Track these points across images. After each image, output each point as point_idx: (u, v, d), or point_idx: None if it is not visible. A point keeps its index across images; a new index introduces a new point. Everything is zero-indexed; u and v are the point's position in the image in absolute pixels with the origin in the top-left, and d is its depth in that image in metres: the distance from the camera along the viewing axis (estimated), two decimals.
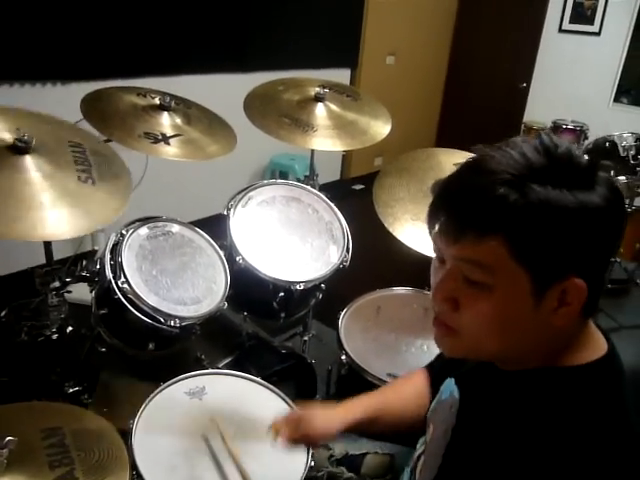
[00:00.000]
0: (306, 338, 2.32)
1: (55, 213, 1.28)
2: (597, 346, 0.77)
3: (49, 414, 1.13)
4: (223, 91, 3.28)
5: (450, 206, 0.72)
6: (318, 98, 2.12)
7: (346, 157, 4.92)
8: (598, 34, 4.75)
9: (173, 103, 1.85)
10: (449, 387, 0.97)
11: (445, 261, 0.76)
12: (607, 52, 4.72)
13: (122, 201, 1.40)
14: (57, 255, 1.68)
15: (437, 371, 1.18)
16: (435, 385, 1.15)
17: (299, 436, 1.12)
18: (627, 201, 2.92)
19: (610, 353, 0.77)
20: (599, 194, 0.68)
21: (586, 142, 4.33)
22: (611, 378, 0.75)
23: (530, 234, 0.67)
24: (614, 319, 3.03)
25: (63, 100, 2.40)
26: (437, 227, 0.74)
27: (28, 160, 1.34)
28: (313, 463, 1.26)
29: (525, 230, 0.67)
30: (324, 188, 2.24)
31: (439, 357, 1.20)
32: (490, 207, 0.68)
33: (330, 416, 1.14)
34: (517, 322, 0.72)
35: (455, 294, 0.75)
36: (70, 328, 1.71)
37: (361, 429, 1.19)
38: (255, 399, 1.46)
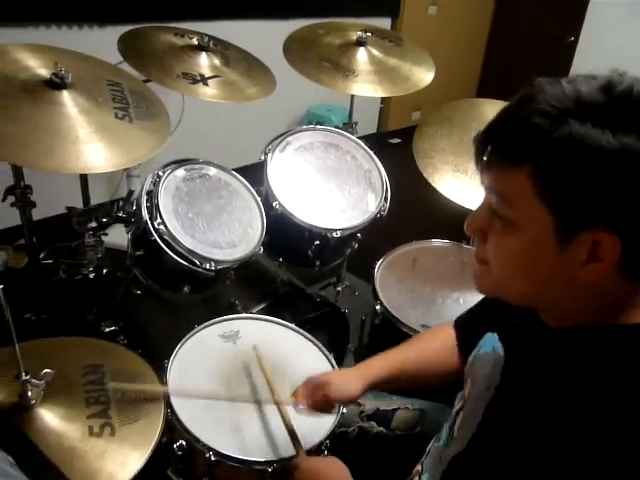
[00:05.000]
0: (339, 288, 2.31)
1: (90, 147, 1.26)
2: None
3: (93, 351, 1.15)
4: (260, 37, 3.18)
5: (487, 135, 0.71)
6: (360, 42, 2.06)
7: (383, 110, 4.82)
8: None
9: (211, 44, 1.81)
10: (490, 342, 0.93)
11: None
12: None
13: (159, 139, 1.38)
14: (94, 200, 1.71)
15: (468, 325, 1.15)
16: (465, 339, 1.13)
17: (319, 399, 1.13)
18: None
19: None
20: None
21: None
22: None
23: (557, 170, 0.62)
24: None
25: (100, 43, 2.36)
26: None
27: (65, 95, 1.32)
28: (345, 410, 1.25)
29: (552, 165, 0.63)
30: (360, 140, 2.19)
31: (471, 311, 1.18)
32: (521, 135, 0.65)
33: (349, 377, 1.14)
34: (540, 265, 0.69)
35: (484, 226, 0.74)
36: (106, 270, 1.74)
37: (385, 386, 1.19)
38: (289, 345, 1.45)
